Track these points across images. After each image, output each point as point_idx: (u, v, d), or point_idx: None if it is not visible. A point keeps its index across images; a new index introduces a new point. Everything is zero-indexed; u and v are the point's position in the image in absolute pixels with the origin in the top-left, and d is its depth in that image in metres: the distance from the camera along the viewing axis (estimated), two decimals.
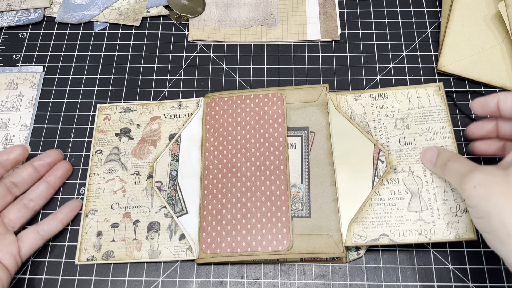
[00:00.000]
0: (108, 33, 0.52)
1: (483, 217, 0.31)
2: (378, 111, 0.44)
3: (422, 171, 0.41)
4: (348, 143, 0.43)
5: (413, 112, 0.43)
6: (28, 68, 0.50)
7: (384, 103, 0.44)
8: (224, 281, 0.40)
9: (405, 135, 0.42)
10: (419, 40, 0.51)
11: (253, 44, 0.51)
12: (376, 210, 0.40)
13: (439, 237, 0.38)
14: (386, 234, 0.39)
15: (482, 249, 0.41)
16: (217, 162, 0.43)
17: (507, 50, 0.48)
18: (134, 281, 0.40)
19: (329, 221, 0.40)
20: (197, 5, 0.53)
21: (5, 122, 0.47)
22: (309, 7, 0.53)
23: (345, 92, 0.45)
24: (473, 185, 0.31)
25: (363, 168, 0.41)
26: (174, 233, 0.41)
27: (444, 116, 0.42)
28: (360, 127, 0.43)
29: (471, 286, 0.39)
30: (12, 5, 0.53)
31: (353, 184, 0.41)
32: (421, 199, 0.39)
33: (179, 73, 0.50)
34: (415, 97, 0.44)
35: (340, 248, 0.39)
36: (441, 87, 0.44)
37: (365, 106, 0.44)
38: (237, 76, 0.50)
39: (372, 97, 0.44)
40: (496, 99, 0.37)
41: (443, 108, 0.43)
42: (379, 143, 0.42)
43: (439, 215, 0.39)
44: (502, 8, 0.47)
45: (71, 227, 0.43)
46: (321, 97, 0.45)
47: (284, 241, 0.39)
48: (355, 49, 0.50)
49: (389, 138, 0.42)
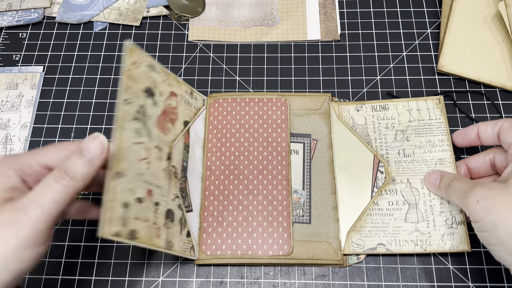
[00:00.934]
0: (108, 33, 0.52)
1: (489, 230, 0.31)
2: (379, 122, 0.44)
3: (419, 183, 0.41)
4: (348, 152, 0.43)
5: (413, 125, 0.43)
6: (28, 68, 0.50)
7: (385, 114, 0.44)
8: (224, 281, 0.40)
9: (404, 147, 0.43)
10: (419, 40, 0.51)
11: (253, 44, 0.51)
12: (374, 220, 0.40)
13: (434, 248, 0.39)
14: (383, 244, 0.39)
15: (482, 249, 0.41)
16: (219, 164, 0.43)
17: (507, 50, 0.48)
18: (134, 281, 0.40)
19: (329, 229, 0.40)
20: (197, 5, 0.53)
21: (5, 122, 0.47)
22: (309, 7, 0.53)
23: (347, 103, 0.45)
24: (476, 200, 0.32)
25: (362, 178, 0.42)
26: (183, 228, 0.38)
27: (443, 129, 0.43)
28: (360, 137, 0.43)
29: (471, 286, 0.39)
30: (12, 5, 0.53)
31: (353, 193, 0.42)
32: (418, 210, 0.40)
33: (179, 73, 0.50)
34: (416, 109, 0.44)
35: (339, 255, 0.39)
36: (441, 100, 0.44)
37: (366, 117, 0.44)
38: (237, 76, 0.50)
39: (373, 109, 0.45)
40: (476, 129, 0.39)
41: (442, 121, 0.43)
42: (379, 154, 0.43)
43: (435, 227, 0.39)
44: (502, 8, 0.47)
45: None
46: (323, 106, 0.45)
47: (284, 246, 0.39)
48: (355, 49, 0.50)
49: (389, 149, 0.43)
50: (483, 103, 0.47)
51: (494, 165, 0.39)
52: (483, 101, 0.47)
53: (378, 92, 0.48)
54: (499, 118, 0.46)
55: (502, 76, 0.47)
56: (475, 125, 0.40)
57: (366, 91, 0.48)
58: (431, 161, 0.42)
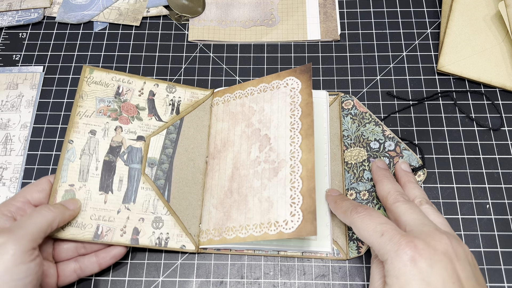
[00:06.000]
0: (108, 33, 0.52)
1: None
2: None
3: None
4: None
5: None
6: (28, 68, 0.50)
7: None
8: (224, 281, 0.40)
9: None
10: (419, 40, 0.51)
11: (253, 44, 0.51)
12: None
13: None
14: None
15: (482, 249, 0.41)
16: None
17: (507, 50, 0.48)
18: (134, 281, 0.40)
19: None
20: (197, 5, 0.53)
21: (5, 122, 0.47)
22: (309, 7, 0.53)
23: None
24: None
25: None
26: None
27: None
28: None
29: None
30: (12, 5, 0.53)
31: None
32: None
33: (179, 73, 0.50)
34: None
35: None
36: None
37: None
38: (237, 76, 0.50)
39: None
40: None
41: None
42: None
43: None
44: (502, 8, 0.47)
45: None
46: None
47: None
48: (355, 49, 0.50)
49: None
50: (483, 103, 0.47)
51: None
52: (483, 101, 0.47)
53: (378, 92, 0.48)
54: (499, 118, 0.46)
55: (502, 76, 0.47)
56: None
57: (366, 91, 0.48)
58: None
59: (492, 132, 0.46)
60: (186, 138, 0.44)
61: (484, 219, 0.42)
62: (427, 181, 0.44)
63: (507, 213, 0.42)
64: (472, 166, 0.44)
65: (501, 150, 0.45)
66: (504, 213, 0.42)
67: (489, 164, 0.44)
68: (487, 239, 0.41)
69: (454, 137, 0.45)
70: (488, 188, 0.43)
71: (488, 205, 0.42)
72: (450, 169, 0.44)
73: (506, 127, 0.46)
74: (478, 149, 0.45)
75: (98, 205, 0.40)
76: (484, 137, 0.45)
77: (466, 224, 0.42)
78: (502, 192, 0.43)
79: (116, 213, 0.40)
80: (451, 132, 0.46)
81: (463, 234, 0.41)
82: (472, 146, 0.45)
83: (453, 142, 0.45)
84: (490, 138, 0.45)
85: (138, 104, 0.44)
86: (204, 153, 0.44)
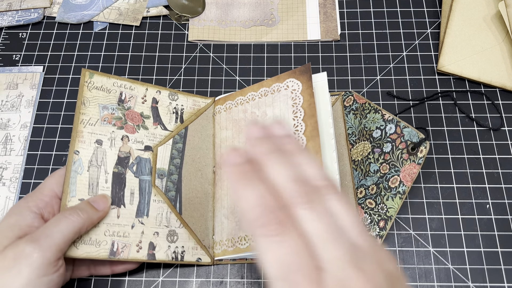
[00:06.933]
0: (108, 33, 0.52)
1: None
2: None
3: None
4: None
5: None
6: (28, 68, 0.50)
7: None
8: (224, 281, 0.40)
9: None
10: (419, 40, 0.51)
11: (253, 44, 0.51)
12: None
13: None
14: None
15: (482, 249, 0.41)
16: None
17: (507, 50, 0.48)
18: (134, 281, 0.40)
19: None
20: (197, 5, 0.53)
21: (5, 122, 0.47)
22: (309, 7, 0.53)
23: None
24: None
25: None
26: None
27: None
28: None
29: (471, 286, 0.39)
30: (12, 5, 0.53)
31: None
32: None
33: (179, 73, 0.50)
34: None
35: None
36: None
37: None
38: (237, 76, 0.50)
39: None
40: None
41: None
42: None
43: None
44: (502, 8, 0.47)
45: None
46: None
47: None
48: (355, 49, 0.50)
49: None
50: (483, 103, 0.47)
51: None
52: (483, 101, 0.47)
53: (378, 92, 0.48)
54: (499, 118, 0.46)
55: (502, 76, 0.47)
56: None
57: (366, 91, 0.48)
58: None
59: (492, 132, 0.46)
60: (192, 147, 0.43)
61: (484, 219, 0.42)
62: (427, 181, 0.44)
63: (507, 213, 0.42)
64: (472, 166, 0.44)
65: (501, 150, 0.45)
66: (504, 213, 0.42)
67: (489, 164, 0.44)
68: (487, 239, 0.41)
69: (454, 137, 0.45)
70: (488, 188, 0.43)
71: (488, 205, 0.42)
72: (450, 169, 0.44)
73: (506, 127, 0.46)
74: (478, 149, 0.45)
75: (111, 220, 0.37)
76: (484, 137, 0.45)
77: (466, 224, 0.42)
78: (502, 192, 0.43)
79: (131, 228, 0.38)
80: (451, 132, 0.46)
81: (463, 234, 0.41)
82: (472, 146, 0.45)
83: (453, 142, 0.45)
84: (490, 138, 0.45)
85: (143, 112, 0.42)
86: (211, 163, 0.43)
